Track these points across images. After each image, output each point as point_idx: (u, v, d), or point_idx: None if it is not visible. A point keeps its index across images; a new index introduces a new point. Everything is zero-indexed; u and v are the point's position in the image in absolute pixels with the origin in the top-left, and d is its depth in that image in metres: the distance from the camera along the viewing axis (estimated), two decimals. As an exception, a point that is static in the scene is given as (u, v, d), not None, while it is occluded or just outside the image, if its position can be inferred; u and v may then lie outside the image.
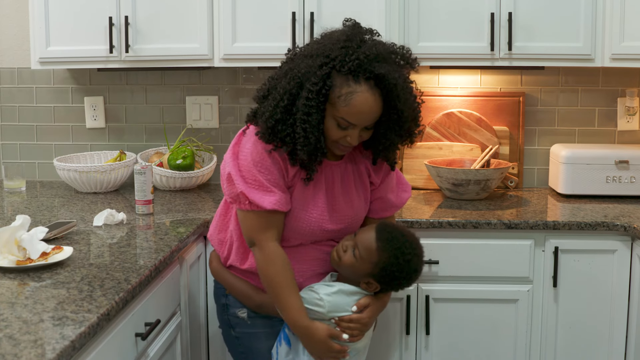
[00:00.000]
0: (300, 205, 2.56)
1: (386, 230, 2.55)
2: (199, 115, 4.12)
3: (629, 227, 3.24)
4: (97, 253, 2.74)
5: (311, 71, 2.39)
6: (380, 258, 2.50)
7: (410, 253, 2.54)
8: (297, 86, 2.41)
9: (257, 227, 2.52)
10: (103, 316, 2.09)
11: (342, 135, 2.45)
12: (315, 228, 2.58)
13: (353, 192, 2.65)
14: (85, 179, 3.74)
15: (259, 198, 2.47)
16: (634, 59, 3.55)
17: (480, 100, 4.01)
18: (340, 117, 2.40)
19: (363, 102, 2.39)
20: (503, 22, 3.53)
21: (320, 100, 2.38)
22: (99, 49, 3.64)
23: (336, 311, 2.52)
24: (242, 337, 2.74)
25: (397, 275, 2.52)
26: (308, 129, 2.40)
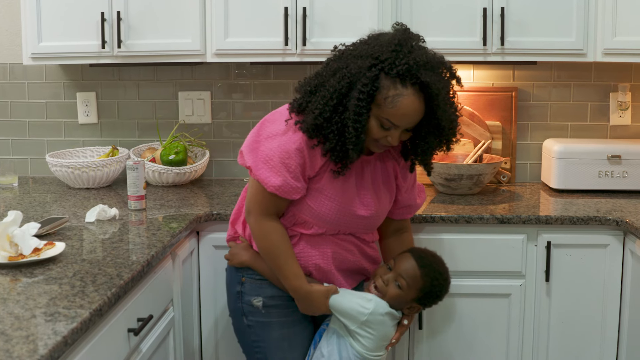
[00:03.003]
0: (330, 194, 2.63)
1: (423, 257, 2.72)
2: (191, 111, 4.12)
3: (621, 221, 3.24)
4: (89, 249, 2.74)
5: (361, 72, 2.45)
6: (425, 283, 2.68)
7: (446, 272, 2.78)
8: (347, 86, 2.46)
9: (259, 199, 2.63)
10: (95, 312, 2.09)
11: (383, 135, 2.51)
12: (345, 214, 2.65)
13: (380, 187, 2.73)
14: (77, 175, 3.73)
15: (265, 177, 2.56)
16: (626, 53, 3.56)
17: (473, 95, 4.01)
18: (385, 118, 2.46)
19: (409, 105, 2.45)
20: (495, 17, 3.53)
21: (368, 101, 2.44)
22: (91, 44, 3.63)
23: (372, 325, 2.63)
24: (255, 326, 2.77)
25: (438, 295, 2.73)
26: (359, 129, 2.46)
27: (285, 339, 2.76)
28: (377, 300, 2.64)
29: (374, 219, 2.73)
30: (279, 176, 2.55)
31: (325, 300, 2.63)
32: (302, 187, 2.59)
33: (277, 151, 2.56)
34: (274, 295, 2.73)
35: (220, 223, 3.31)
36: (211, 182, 4.01)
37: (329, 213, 2.63)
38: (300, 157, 2.55)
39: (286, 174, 2.55)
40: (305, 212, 2.64)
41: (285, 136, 2.57)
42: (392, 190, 2.78)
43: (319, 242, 2.70)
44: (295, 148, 2.54)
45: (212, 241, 3.31)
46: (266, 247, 2.66)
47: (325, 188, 2.62)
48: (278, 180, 2.55)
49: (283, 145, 2.56)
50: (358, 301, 2.62)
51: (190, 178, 3.91)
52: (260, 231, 2.65)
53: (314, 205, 2.62)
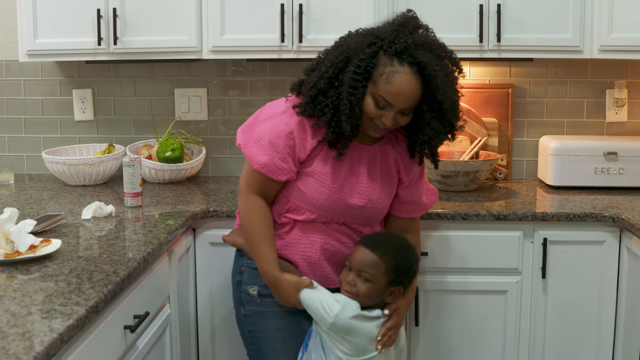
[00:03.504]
0: (320, 178, 2.64)
1: (371, 241, 2.64)
2: (187, 108, 4.12)
3: (617, 218, 3.24)
4: (85, 246, 2.74)
5: (360, 48, 2.50)
6: (388, 263, 2.58)
7: (402, 242, 2.67)
8: (344, 60, 2.52)
9: (247, 178, 2.68)
10: (91, 309, 2.09)
11: (378, 115, 2.53)
12: (334, 201, 2.65)
13: (378, 178, 2.72)
14: (73, 172, 3.73)
15: (253, 154, 2.61)
16: (622, 50, 3.56)
17: (469, 92, 4.01)
18: (380, 95, 2.49)
19: (404, 83, 2.47)
20: (492, 13, 3.53)
21: (365, 77, 2.48)
22: (87, 41, 3.63)
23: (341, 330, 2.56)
24: (251, 316, 2.78)
25: (409, 266, 2.62)
26: (354, 102, 2.49)
27: (278, 330, 2.75)
28: (345, 303, 2.56)
29: (370, 210, 2.71)
30: (265, 155, 2.59)
31: (295, 292, 2.61)
32: (288, 169, 2.61)
33: (268, 132, 2.60)
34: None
35: (217, 220, 3.31)
36: (207, 179, 4.01)
37: (319, 197, 2.64)
38: (290, 139, 2.58)
39: (273, 154, 2.59)
40: (297, 197, 2.66)
41: (279, 119, 2.61)
42: (392, 183, 2.77)
43: (310, 230, 2.69)
44: (286, 130, 2.59)
45: (209, 238, 3.31)
46: (245, 225, 2.69)
47: (315, 172, 2.63)
48: (264, 158, 2.59)
49: (275, 126, 2.60)
50: (326, 301, 2.56)
51: (186, 175, 3.91)
52: (244, 208, 2.69)
53: (304, 189, 2.64)
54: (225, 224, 3.28)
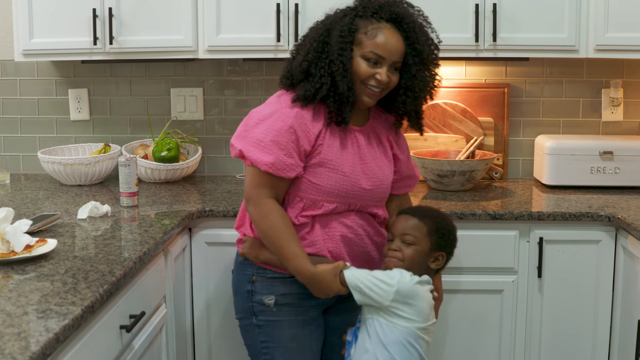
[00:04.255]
0: (332, 166, 2.63)
1: (409, 210, 2.71)
2: (183, 107, 4.12)
3: (613, 217, 3.25)
4: (81, 245, 2.74)
5: (336, 20, 2.61)
6: (429, 224, 2.60)
7: (434, 209, 2.77)
8: (325, 33, 2.60)
9: (255, 183, 2.61)
10: (87, 309, 2.09)
11: (372, 73, 2.58)
12: (349, 186, 2.64)
13: (378, 157, 2.75)
14: (69, 172, 3.73)
15: (257, 157, 2.57)
16: (618, 49, 3.56)
17: (465, 92, 4.01)
18: (369, 51, 2.57)
19: (389, 34, 2.58)
20: (488, 13, 3.53)
21: (349, 41, 2.56)
22: (83, 40, 3.63)
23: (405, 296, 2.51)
24: (265, 326, 2.72)
25: (449, 230, 2.66)
26: (345, 61, 2.55)
27: (294, 340, 2.72)
28: (400, 270, 2.53)
29: (380, 189, 2.72)
30: (270, 154, 2.55)
31: (335, 278, 2.55)
32: (296, 164, 2.58)
33: (267, 132, 2.57)
34: (286, 292, 2.69)
35: (213, 220, 3.31)
36: (203, 179, 4.01)
37: (335, 185, 2.62)
38: (292, 133, 2.57)
39: (278, 152, 2.55)
40: (312, 191, 2.62)
41: (273, 117, 2.60)
42: (390, 160, 2.80)
43: (329, 223, 2.66)
44: (285, 125, 2.57)
45: (205, 238, 3.31)
46: (266, 230, 2.60)
47: (325, 161, 2.62)
48: (270, 157, 2.55)
49: (272, 125, 2.58)
50: (378, 275, 2.52)
51: (182, 175, 3.91)
52: (259, 214, 2.61)
53: (318, 181, 2.62)
54: (221, 224, 3.28)
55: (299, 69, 2.61)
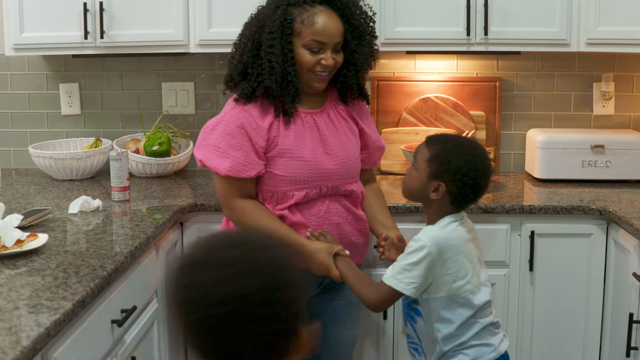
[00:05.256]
0: (292, 154, 2.66)
1: (437, 134, 2.52)
2: (175, 102, 4.11)
3: (604, 211, 3.25)
4: (72, 240, 2.73)
5: (267, 13, 2.61)
6: (431, 150, 2.43)
7: (463, 139, 2.54)
8: (258, 30, 2.61)
9: (222, 189, 2.70)
10: (78, 303, 2.09)
11: (316, 59, 2.62)
12: (313, 170, 2.67)
13: (342, 134, 2.78)
14: (60, 166, 3.72)
15: (216, 164, 2.63)
16: (609, 43, 3.57)
17: (457, 86, 4.01)
18: (310, 39, 2.60)
19: (326, 18, 2.61)
20: (479, 7, 3.53)
21: (284, 33, 2.57)
22: (74, 35, 3.61)
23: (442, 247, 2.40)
24: None
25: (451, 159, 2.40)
26: (272, 59, 2.57)
27: None
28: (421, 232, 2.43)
29: (347, 167, 2.75)
30: (227, 158, 2.61)
31: (328, 257, 2.55)
32: (254, 163, 2.62)
33: (221, 137, 2.64)
34: None
35: (204, 214, 3.31)
36: (195, 173, 4.00)
37: (298, 172, 2.66)
38: (242, 133, 2.61)
39: (234, 154, 2.60)
40: (279, 183, 2.66)
41: (224, 121, 2.65)
42: (356, 135, 2.83)
43: (308, 218, 2.70)
44: (234, 126, 2.62)
45: (196, 232, 3.31)
46: (249, 225, 2.66)
47: (283, 151, 2.65)
48: (228, 162, 2.61)
49: (224, 129, 2.64)
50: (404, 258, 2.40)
51: (174, 169, 3.90)
52: (236, 216, 2.70)
53: (282, 172, 2.65)
54: (213, 218, 3.27)
55: (236, 70, 2.65)
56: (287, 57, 2.59)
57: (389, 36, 3.58)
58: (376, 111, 4.02)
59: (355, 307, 2.94)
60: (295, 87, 2.62)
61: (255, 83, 2.62)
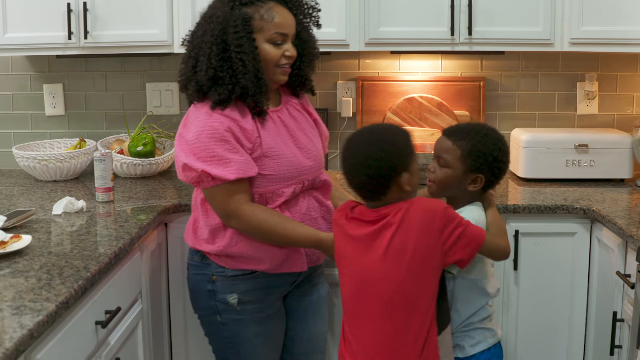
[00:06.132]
0: (276, 153, 2.66)
1: (450, 129, 2.63)
2: (159, 102, 4.10)
3: (588, 209, 3.27)
4: (56, 241, 2.72)
5: (225, 15, 2.58)
6: (462, 147, 2.53)
7: (480, 126, 2.63)
8: (221, 33, 2.58)
9: (227, 197, 2.60)
10: (62, 304, 2.08)
11: (280, 53, 2.65)
12: (296, 165, 2.69)
13: (305, 128, 2.81)
14: (44, 167, 3.71)
15: (221, 171, 2.55)
16: (592, 43, 3.58)
17: (441, 85, 4.02)
18: (274, 32, 2.63)
19: (282, 11, 2.65)
20: (463, 7, 3.54)
21: (246, 31, 2.57)
22: (58, 35, 3.60)
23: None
24: (229, 323, 2.76)
25: (485, 150, 2.53)
26: (244, 58, 2.56)
27: (259, 336, 2.77)
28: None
29: (318, 158, 2.79)
30: (229, 163, 2.55)
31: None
32: (252, 161, 2.61)
33: (213, 145, 2.55)
34: (248, 289, 2.72)
35: (189, 215, 3.28)
36: (180, 174, 3.99)
37: (285, 169, 2.66)
38: (231, 135, 2.57)
39: (234, 156, 2.56)
40: (268, 183, 2.65)
41: (207, 129, 2.57)
42: (313, 127, 2.87)
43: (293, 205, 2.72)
44: (222, 130, 2.56)
45: (181, 232, 3.28)
46: (264, 232, 2.62)
47: (267, 150, 2.64)
48: (232, 165, 2.55)
49: (210, 137, 2.56)
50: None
51: (158, 169, 3.89)
52: (247, 224, 2.61)
53: (269, 172, 2.64)
54: (198, 219, 3.27)
55: (206, 77, 2.58)
56: (255, 54, 2.59)
57: (373, 36, 3.58)
58: (361, 111, 4.02)
59: (324, 301, 2.99)
60: (265, 84, 2.63)
61: (230, 85, 2.57)
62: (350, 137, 2.48)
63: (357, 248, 2.45)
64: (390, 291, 2.38)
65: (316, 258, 2.81)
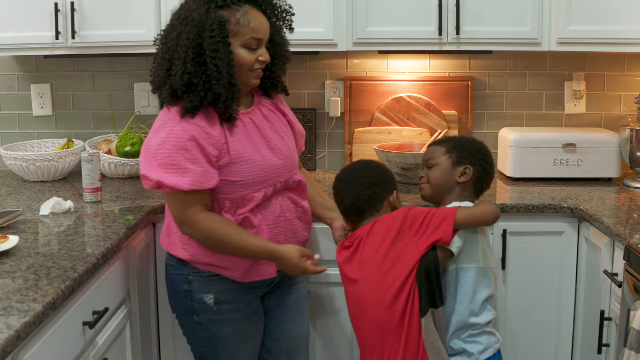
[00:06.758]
0: (245, 158, 2.65)
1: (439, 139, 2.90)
2: (147, 102, 4.09)
3: (575, 209, 3.27)
4: (43, 242, 2.72)
5: (200, 18, 2.55)
6: (446, 145, 2.78)
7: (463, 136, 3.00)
8: (197, 37, 2.55)
9: (183, 205, 2.60)
10: (49, 305, 2.07)
11: (254, 58, 2.65)
12: (265, 169, 2.68)
13: (278, 128, 2.81)
14: (32, 168, 3.70)
15: (177, 181, 2.54)
16: (580, 42, 3.59)
17: (429, 85, 4.03)
18: (250, 37, 2.62)
19: (257, 15, 2.65)
20: (451, 6, 3.54)
21: (222, 35, 2.56)
22: (45, 35, 3.59)
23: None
24: (206, 323, 2.77)
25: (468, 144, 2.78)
26: (219, 63, 2.55)
27: (236, 335, 2.78)
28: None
29: (290, 159, 2.79)
30: (187, 172, 2.53)
31: (299, 260, 2.62)
32: (212, 173, 2.59)
33: (174, 153, 2.54)
34: (224, 289, 2.72)
35: (177, 214, 3.29)
36: (168, 174, 3.98)
37: (253, 174, 2.65)
38: (195, 144, 2.55)
39: (193, 167, 2.54)
40: (236, 189, 2.65)
41: (170, 138, 2.55)
42: (288, 127, 2.88)
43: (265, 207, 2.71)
44: (185, 139, 2.54)
45: (169, 233, 3.29)
46: (217, 242, 2.62)
47: (235, 156, 2.63)
48: (188, 176, 2.53)
49: (173, 145, 2.54)
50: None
51: (146, 170, 3.88)
52: (201, 233, 2.62)
53: (237, 178, 2.64)
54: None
55: (181, 82, 2.56)
56: (230, 59, 2.58)
57: (361, 36, 3.59)
58: (349, 111, 4.02)
59: (304, 301, 2.99)
60: (238, 90, 2.62)
61: (202, 92, 2.55)
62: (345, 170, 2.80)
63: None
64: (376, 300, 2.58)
65: None
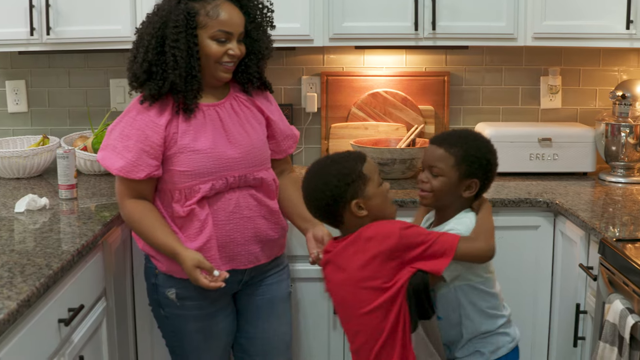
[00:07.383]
0: (193, 149, 2.66)
1: (439, 137, 2.59)
2: (123, 98, 4.07)
3: (551, 203, 3.29)
4: (19, 239, 2.70)
5: (169, 9, 2.60)
6: (456, 155, 2.50)
7: (468, 132, 2.63)
8: (162, 27, 2.60)
9: (117, 188, 2.74)
10: (23, 302, 2.06)
11: (224, 50, 2.65)
12: (215, 160, 2.68)
13: (246, 123, 2.79)
14: (7, 165, 3.67)
15: (111, 163, 2.66)
16: (555, 37, 3.61)
17: (406, 80, 4.03)
18: (217, 30, 2.63)
19: (230, 9, 2.66)
20: (427, 2, 3.55)
21: (189, 26, 2.58)
22: (20, 31, 3.56)
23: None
24: (171, 317, 2.80)
25: (479, 155, 2.51)
26: (177, 53, 2.58)
27: (200, 332, 2.79)
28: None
29: (252, 154, 2.76)
30: (121, 159, 2.64)
31: (192, 270, 2.55)
32: (145, 165, 2.64)
33: (118, 138, 2.67)
34: (187, 285, 2.69)
35: (154, 211, 3.28)
36: (145, 170, 3.97)
37: (200, 164, 2.66)
38: (139, 133, 2.63)
39: (127, 155, 2.64)
40: (183, 179, 2.67)
41: (123, 122, 2.69)
42: (262, 123, 2.86)
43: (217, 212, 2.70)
44: (133, 127, 2.65)
45: (146, 229, 3.28)
46: (136, 228, 2.72)
47: (183, 146, 2.66)
48: (121, 162, 2.64)
49: (122, 130, 2.68)
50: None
51: (123, 166, 3.87)
52: (125, 216, 2.74)
53: (184, 168, 2.66)
54: (162, 215, 3.25)
55: (141, 69, 2.63)
56: (193, 50, 2.60)
57: (337, 31, 3.59)
58: (325, 106, 4.02)
59: (282, 302, 2.96)
60: (198, 82, 2.64)
61: (160, 81, 2.61)
62: (307, 169, 2.52)
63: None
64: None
65: (254, 258, 2.80)
